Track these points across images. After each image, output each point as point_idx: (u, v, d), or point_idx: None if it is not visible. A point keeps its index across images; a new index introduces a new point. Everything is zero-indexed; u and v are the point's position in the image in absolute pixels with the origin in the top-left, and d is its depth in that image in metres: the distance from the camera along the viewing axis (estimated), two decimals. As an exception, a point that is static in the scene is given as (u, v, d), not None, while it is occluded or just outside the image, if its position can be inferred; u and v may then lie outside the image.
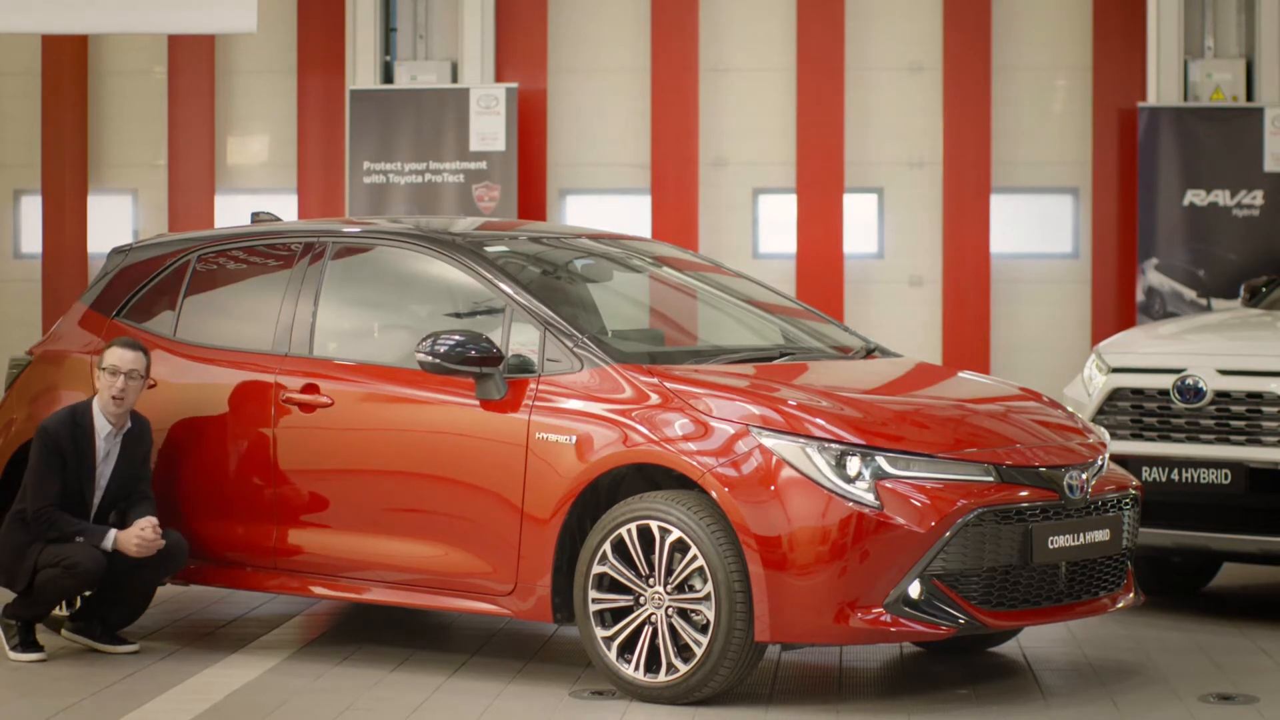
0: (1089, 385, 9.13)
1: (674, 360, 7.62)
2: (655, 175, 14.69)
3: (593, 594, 7.19)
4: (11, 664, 7.89)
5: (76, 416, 8.03)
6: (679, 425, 7.13)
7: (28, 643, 7.97)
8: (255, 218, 8.96)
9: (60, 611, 8.34)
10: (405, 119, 14.23)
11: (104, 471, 8.05)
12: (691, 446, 7.06)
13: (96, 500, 8.05)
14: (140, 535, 7.86)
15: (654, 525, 7.07)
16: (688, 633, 7.01)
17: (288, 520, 8.00)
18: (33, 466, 8.00)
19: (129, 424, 8.09)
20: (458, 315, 7.98)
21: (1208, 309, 13.52)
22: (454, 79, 14.52)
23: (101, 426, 8.03)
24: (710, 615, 6.95)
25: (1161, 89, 13.93)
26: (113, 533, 7.89)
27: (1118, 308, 14.31)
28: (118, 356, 8.01)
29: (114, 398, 7.99)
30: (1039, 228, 14.66)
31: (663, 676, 7.06)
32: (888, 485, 6.90)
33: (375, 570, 7.78)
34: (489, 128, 14.12)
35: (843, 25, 14.57)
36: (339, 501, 7.88)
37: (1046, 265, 14.63)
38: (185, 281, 8.61)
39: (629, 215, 14.61)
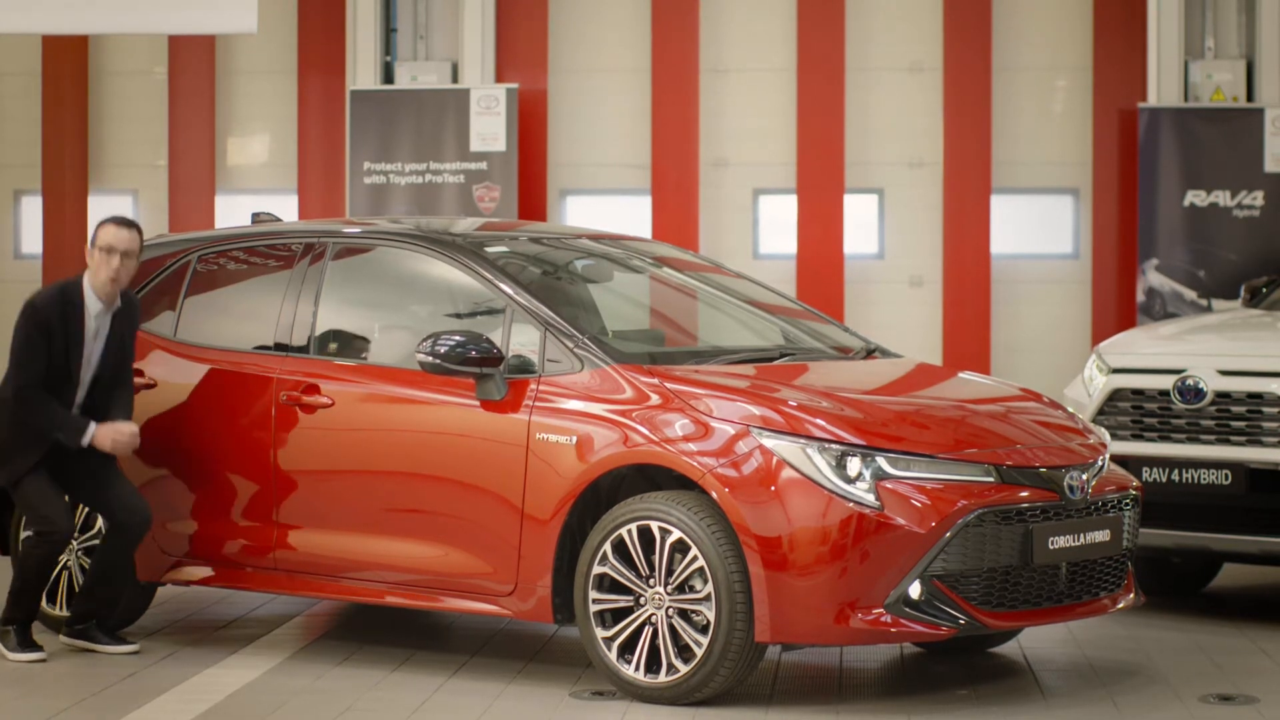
0: (1089, 386, 9.13)
1: (674, 361, 7.62)
2: (655, 176, 14.69)
3: (593, 594, 7.19)
4: (12, 664, 7.89)
5: (66, 293, 7.94)
6: (679, 426, 7.13)
7: (26, 643, 7.97)
8: (255, 218, 8.96)
9: (59, 611, 8.35)
10: (405, 119, 14.24)
11: (95, 350, 7.99)
12: (692, 447, 7.07)
13: (88, 378, 7.99)
14: (116, 434, 7.86)
15: (654, 526, 7.07)
16: (688, 633, 7.01)
17: (288, 520, 8.00)
18: (19, 344, 7.90)
19: (119, 302, 8.05)
20: (458, 316, 7.98)
21: (1208, 309, 13.52)
22: (454, 79, 14.52)
23: (92, 304, 7.95)
24: (710, 616, 6.95)
25: (1162, 89, 13.93)
26: (92, 426, 7.87)
27: (1118, 308, 14.31)
28: (113, 235, 7.94)
29: (110, 278, 7.93)
30: (1039, 228, 14.66)
31: (663, 677, 7.06)
32: (888, 486, 6.90)
33: (375, 571, 7.78)
34: (489, 128, 14.12)
35: (843, 26, 14.57)
36: (339, 502, 7.88)
37: (1047, 266, 14.63)
38: (186, 282, 8.61)
39: (629, 216, 14.60)
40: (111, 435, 7.89)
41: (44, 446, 7.91)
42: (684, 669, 7.01)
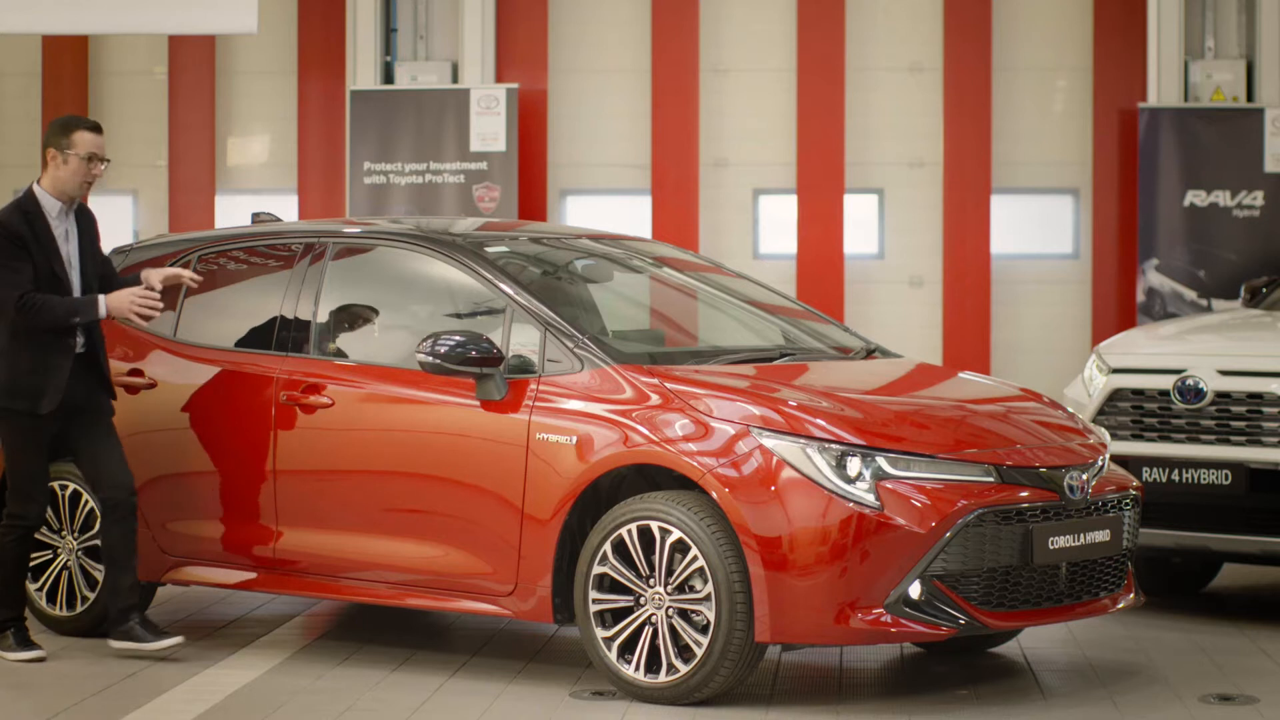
0: (1089, 386, 9.13)
1: (674, 361, 7.62)
2: (655, 176, 14.69)
3: (593, 594, 7.19)
4: (12, 664, 7.89)
5: (22, 204, 7.92)
6: (679, 426, 7.13)
7: (24, 642, 7.95)
8: (256, 218, 8.96)
9: (59, 612, 8.35)
10: (406, 119, 14.24)
11: (71, 251, 7.97)
12: (692, 447, 7.06)
13: (76, 281, 7.94)
14: (131, 295, 7.82)
15: (654, 526, 7.07)
16: (688, 633, 7.01)
17: (288, 520, 8.00)
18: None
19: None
20: (458, 316, 7.98)
21: (1208, 309, 13.52)
22: (454, 79, 14.52)
23: (50, 205, 7.94)
24: (710, 616, 6.95)
25: (1162, 89, 13.93)
26: (102, 299, 7.83)
27: (1118, 308, 14.32)
28: (94, 142, 7.97)
29: (88, 183, 7.97)
30: (1039, 228, 14.66)
31: (663, 677, 7.06)
32: (888, 486, 6.90)
33: (375, 570, 7.78)
34: (489, 128, 14.12)
35: (843, 26, 14.57)
36: (339, 502, 7.88)
37: (1047, 266, 14.64)
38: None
39: (629, 216, 14.61)
40: (128, 298, 7.82)
41: (67, 365, 7.81)
42: (684, 669, 7.01)
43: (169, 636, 7.96)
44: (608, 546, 7.16)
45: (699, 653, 6.97)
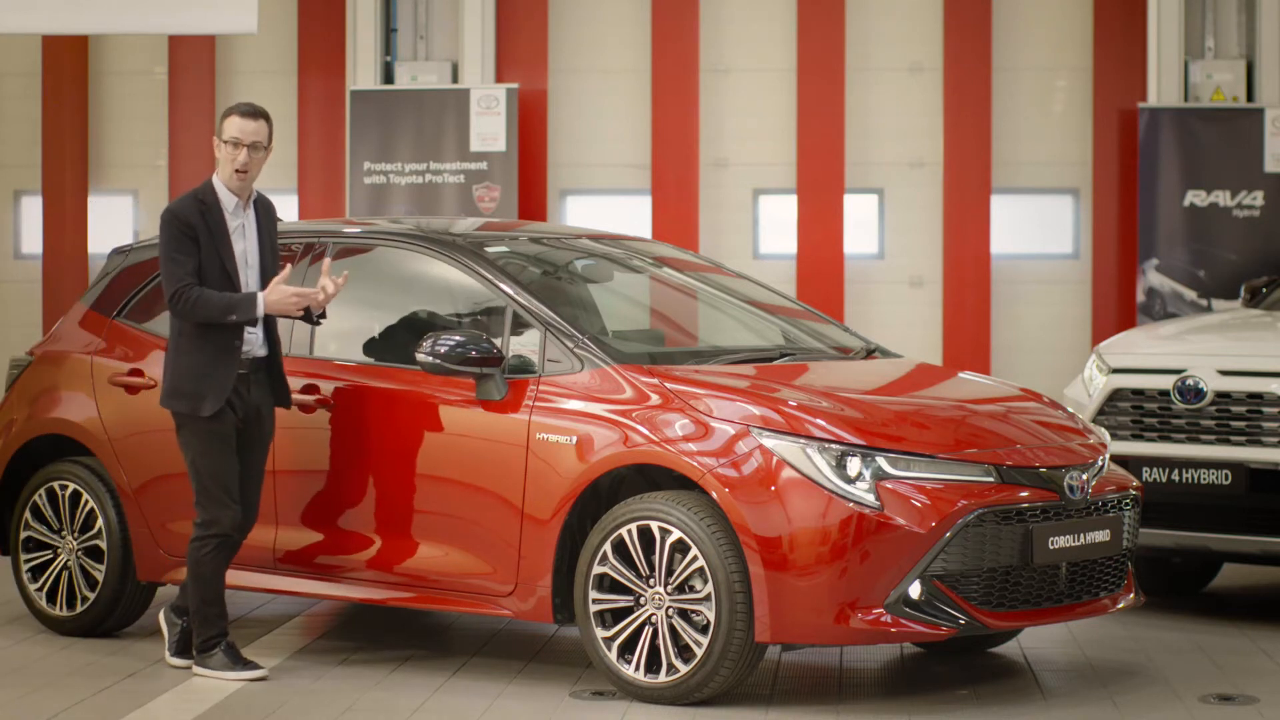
0: (1089, 386, 9.13)
1: (674, 361, 7.62)
2: (655, 176, 14.69)
3: (593, 594, 7.19)
4: (11, 664, 7.89)
5: (200, 195, 7.63)
6: (679, 426, 7.13)
7: (237, 659, 7.58)
8: (256, 218, 8.93)
9: (60, 611, 8.32)
10: (406, 119, 14.24)
11: (247, 248, 7.65)
12: (692, 447, 7.07)
13: (252, 280, 7.63)
14: (294, 295, 7.45)
15: (654, 526, 7.07)
16: (688, 633, 7.01)
17: (288, 520, 7.99)
18: (165, 252, 7.49)
19: (254, 194, 7.79)
20: (458, 316, 7.98)
21: (1208, 309, 13.52)
22: (454, 79, 14.52)
23: (227, 200, 7.66)
24: (710, 616, 6.95)
25: (1162, 89, 13.93)
26: (260, 297, 7.46)
27: (1118, 308, 14.32)
28: (239, 127, 7.67)
29: (238, 171, 7.65)
30: (1039, 228, 14.66)
31: (663, 677, 7.06)
32: (888, 486, 6.90)
33: (376, 571, 7.78)
34: (489, 128, 14.12)
35: (843, 26, 14.57)
36: (339, 502, 7.87)
37: (1047, 266, 14.64)
38: (186, 282, 8.58)
39: (629, 216, 14.61)
40: (291, 298, 7.45)
41: (232, 368, 7.50)
42: (684, 669, 7.01)
43: (186, 657, 7.84)
44: (608, 546, 7.16)
45: (699, 653, 6.97)
